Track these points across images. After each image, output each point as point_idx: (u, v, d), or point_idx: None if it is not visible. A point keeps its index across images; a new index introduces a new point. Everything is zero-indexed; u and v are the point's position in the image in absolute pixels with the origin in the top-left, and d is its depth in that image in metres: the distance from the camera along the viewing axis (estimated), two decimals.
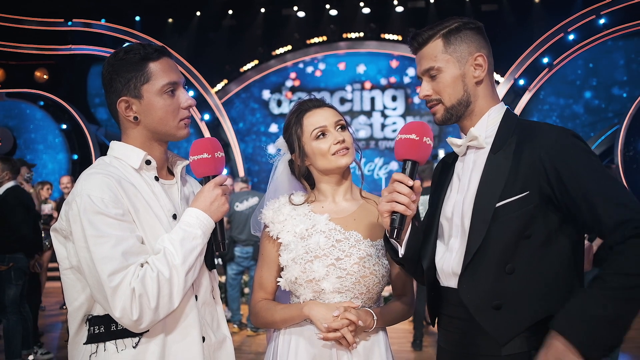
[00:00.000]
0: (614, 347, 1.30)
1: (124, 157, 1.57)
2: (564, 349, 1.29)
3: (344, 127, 1.87)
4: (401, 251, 1.62)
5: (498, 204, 1.44)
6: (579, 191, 1.37)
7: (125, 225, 1.43)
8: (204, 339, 1.58)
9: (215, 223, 1.58)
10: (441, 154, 11.00)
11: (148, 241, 1.49)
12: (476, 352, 1.48)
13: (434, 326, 1.70)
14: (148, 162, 1.58)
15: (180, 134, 1.59)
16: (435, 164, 1.84)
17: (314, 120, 1.84)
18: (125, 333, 1.46)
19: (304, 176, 1.92)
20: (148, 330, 1.47)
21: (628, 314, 1.30)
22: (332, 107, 1.91)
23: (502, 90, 11.82)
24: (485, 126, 1.56)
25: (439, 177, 1.73)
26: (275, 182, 1.95)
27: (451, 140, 1.63)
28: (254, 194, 6.56)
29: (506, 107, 1.60)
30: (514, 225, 1.43)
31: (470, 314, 1.48)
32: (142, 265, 1.43)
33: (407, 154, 1.53)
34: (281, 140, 1.95)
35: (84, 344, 1.50)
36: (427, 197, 1.87)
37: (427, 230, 1.67)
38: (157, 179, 1.60)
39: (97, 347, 1.47)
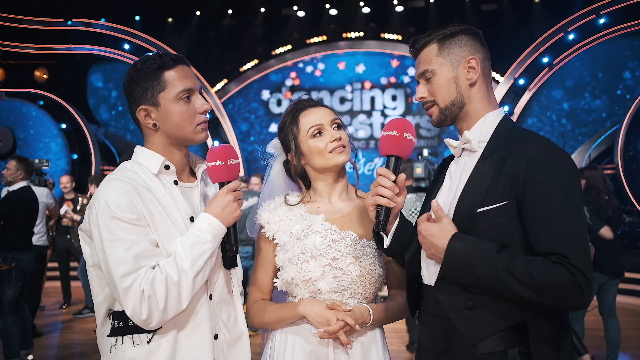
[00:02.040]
0: (464, 285, 1.47)
1: (145, 162, 1.65)
2: (440, 248, 1.47)
3: (339, 126, 1.88)
4: (386, 242, 1.69)
5: (478, 210, 1.48)
6: (533, 211, 1.42)
7: (139, 229, 1.51)
8: (217, 336, 1.65)
9: (228, 227, 1.63)
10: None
11: (162, 244, 1.56)
12: (453, 349, 1.52)
13: (413, 318, 1.74)
14: (167, 167, 1.65)
15: (198, 138, 1.67)
16: (417, 163, 1.89)
17: (310, 118, 1.85)
18: (140, 329, 1.54)
19: (300, 176, 1.92)
20: (161, 327, 1.55)
21: (491, 288, 1.42)
22: (327, 106, 1.92)
23: (502, 90, 11.83)
24: (480, 130, 1.60)
25: (436, 175, 1.78)
26: (271, 184, 1.97)
27: (448, 141, 1.67)
28: (254, 193, 6.55)
29: (504, 113, 1.63)
30: (492, 233, 1.46)
31: (446, 312, 1.52)
32: (153, 268, 1.51)
33: (390, 149, 1.61)
34: (275, 142, 1.97)
35: (107, 336, 1.60)
36: (409, 196, 1.91)
37: (416, 225, 1.70)
38: (176, 182, 1.67)
39: (117, 340, 1.57)
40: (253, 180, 6.94)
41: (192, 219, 1.63)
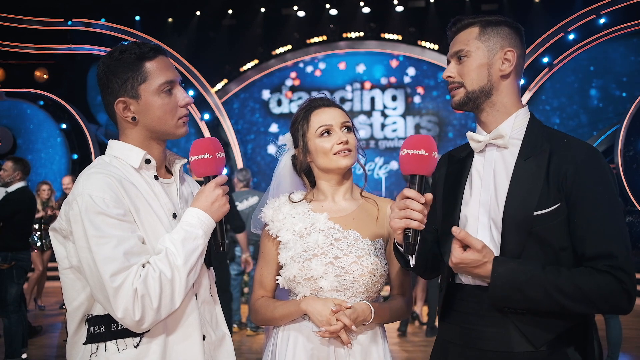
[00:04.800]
0: (512, 308, 1.47)
1: (124, 156, 1.56)
2: (484, 276, 1.47)
3: (349, 129, 1.88)
4: (412, 261, 1.62)
5: (535, 213, 1.46)
6: (582, 215, 1.44)
7: (126, 225, 1.43)
8: (204, 337, 1.58)
9: (216, 223, 1.58)
10: None
11: (149, 241, 1.49)
12: (487, 348, 1.52)
13: (442, 320, 1.71)
14: (148, 162, 1.58)
15: (179, 132, 1.60)
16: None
17: (321, 118, 1.87)
18: (126, 333, 1.46)
19: (305, 173, 1.94)
20: (149, 330, 1.47)
21: (543, 307, 1.44)
22: (341, 108, 1.93)
23: None
24: (512, 127, 1.57)
25: (448, 171, 1.72)
26: (278, 177, 1.98)
27: (471, 135, 1.63)
28: (254, 193, 6.55)
29: (530, 112, 1.63)
30: (551, 236, 1.46)
31: (486, 311, 1.52)
32: (143, 266, 1.43)
33: (417, 169, 1.50)
34: (287, 136, 1.98)
35: (83, 343, 1.49)
36: None
37: (447, 227, 1.64)
38: (156, 178, 1.60)
39: (98, 346, 1.47)
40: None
41: (174, 216, 1.57)
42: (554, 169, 1.47)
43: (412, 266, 1.62)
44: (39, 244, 7.30)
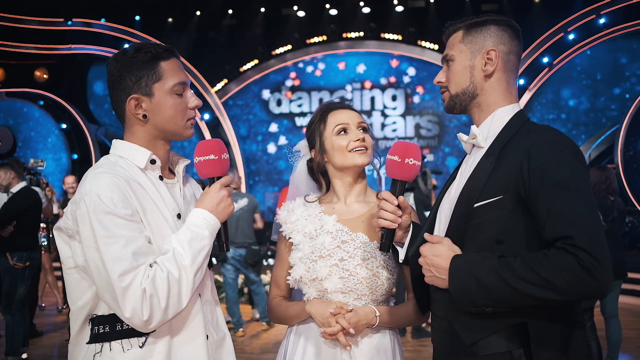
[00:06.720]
0: (477, 306, 1.40)
1: (129, 156, 1.57)
2: (443, 267, 1.44)
3: (365, 130, 1.92)
4: (401, 255, 1.70)
5: (475, 205, 1.46)
6: (541, 202, 1.37)
7: (134, 225, 1.44)
8: (207, 337, 1.60)
9: (220, 224, 1.59)
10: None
11: (155, 241, 1.50)
12: (456, 351, 1.50)
13: (426, 320, 1.75)
14: (153, 162, 1.59)
15: (186, 133, 1.62)
16: None
17: (338, 117, 1.91)
18: (131, 333, 1.46)
19: (322, 174, 1.97)
20: (155, 330, 1.47)
21: (504, 297, 1.36)
22: (356, 110, 1.98)
23: None
24: (489, 126, 1.57)
25: (452, 173, 1.76)
26: (295, 182, 2.03)
27: (460, 136, 1.67)
28: (243, 195, 6.51)
29: (519, 109, 1.59)
30: (488, 228, 1.44)
31: (439, 309, 1.53)
32: (150, 266, 1.43)
33: (392, 174, 1.67)
34: (302, 143, 2.02)
35: (86, 343, 1.50)
36: None
37: (427, 222, 1.70)
38: (161, 178, 1.61)
39: (102, 346, 1.47)
40: None
41: (179, 216, 1.58)
42: (508, 161, 1.44)
43: (400, 261, 1.72)
44: (45, 243, 7.29)
